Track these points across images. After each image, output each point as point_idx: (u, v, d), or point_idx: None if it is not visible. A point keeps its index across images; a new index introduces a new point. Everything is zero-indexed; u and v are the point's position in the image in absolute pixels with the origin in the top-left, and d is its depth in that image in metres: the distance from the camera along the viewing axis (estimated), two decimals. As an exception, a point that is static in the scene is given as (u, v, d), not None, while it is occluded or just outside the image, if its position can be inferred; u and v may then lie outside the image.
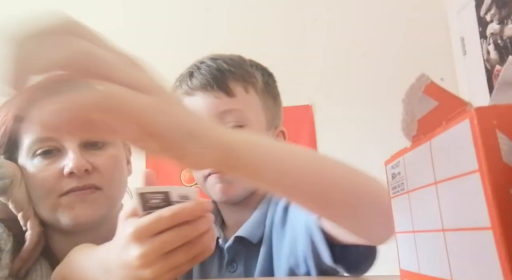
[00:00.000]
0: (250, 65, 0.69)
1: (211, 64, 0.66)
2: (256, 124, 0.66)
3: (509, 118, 0.20)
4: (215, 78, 0.64)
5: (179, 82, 0.68)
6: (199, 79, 0.65)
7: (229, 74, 0.65)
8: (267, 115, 0.69)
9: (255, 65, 0.71)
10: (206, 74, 0.64)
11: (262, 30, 2.46)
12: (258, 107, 0.67)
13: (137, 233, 0.40)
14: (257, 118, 0.67)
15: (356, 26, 2.51)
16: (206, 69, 0.65)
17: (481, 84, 2.16)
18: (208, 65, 0.66)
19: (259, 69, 0.71)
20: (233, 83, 0.65)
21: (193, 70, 0.67)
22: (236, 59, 0.69)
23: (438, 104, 0.26)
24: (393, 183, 0.32)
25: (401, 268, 0.31)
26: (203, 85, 0.64)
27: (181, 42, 2.45)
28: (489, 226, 0.19)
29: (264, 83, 0.70)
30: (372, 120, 2.35)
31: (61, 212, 0.60)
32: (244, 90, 0.66)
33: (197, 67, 0.67)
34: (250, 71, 0.68)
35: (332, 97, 2.37)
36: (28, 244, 0.59)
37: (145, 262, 0.40)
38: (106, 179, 0.63)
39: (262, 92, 0.69)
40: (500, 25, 2.02)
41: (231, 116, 0.63)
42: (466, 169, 0.21)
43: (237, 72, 0.66)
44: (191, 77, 0.66)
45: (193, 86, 0.65)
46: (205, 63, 0.66)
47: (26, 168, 0.61)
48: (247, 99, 0.66)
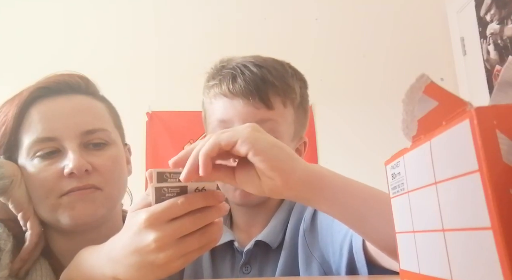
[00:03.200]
0: (291, 75, 0.69)
1: (256, 72, 0.65)
2: (286, 136, 0.67)
3: (509, 118, 0.20)
4: (257, 89, 0.64)
5: (219, 81, 0.67)
6: (242, 86, 0.64)
7: (272, 87, 0.65)
8: (296, 127, 0.70)
9: (295, 74, 0.71)
10: (250, 82, 0.64)
11: (262, 30, 2.46)
12: (291, 120, 0.68)
13: (152, 219, 0.41)
14: (288, 130, 0.68)
15: (356, 26, 2.51)
16: (250, 77, 0.65)
17: (481, 84, 2.16)
18: (252, 72, 0.65)
19: (298, 80, 0.71)
20: (273, 97, 0.65)
21: (237, 74, 0.66)
22: (280, 69, 0.68)
23: (438, 104, 0.26)
24: (393, 183, 0.32)
25: (401, 268, 0.31)
26: (245, 94, 0.64)
27: (184, 39, 2.46)
28: (489, 226, 0.19)
29: (301, 96, 0.71)
30: (372, 120, 2.35)
31: (61, 212, 0.60)
32: (283, 104, 0.66)
33: (241, 71, 0.66)
34: (291, 85, 0.68)
35: (332, 97, 2.37)
36: (28, 244, 0.59)
37: (160, 246, 0.40)
38: (106, 179, 0.63)
39: (298, 106, 0.70)
40: (500, 25, 2.02)
41: (266, 125, 0.63)
42: (466, 169, 0.21)
43: (279, 86, 0.66)
44: (234, 81, 0.65)
45: (234, 91, 0.65)
46: (249, 68, 0.66)
47: (26, 168, 0.61)
48: (283, 113, 0.66)
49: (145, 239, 0.41)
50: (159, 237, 0.40)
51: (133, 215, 0.43)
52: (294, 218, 0.68)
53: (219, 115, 0.66)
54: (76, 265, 0.52)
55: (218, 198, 0.43)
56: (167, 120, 2.37)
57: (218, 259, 0.69)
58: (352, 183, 0.45)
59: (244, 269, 0.66)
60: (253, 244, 0.66)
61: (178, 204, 0.41)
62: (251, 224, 0.70)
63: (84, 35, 2.44)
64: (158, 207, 0.41)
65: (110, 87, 0.76)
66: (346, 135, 2.34)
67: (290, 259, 0.64)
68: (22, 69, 1.95)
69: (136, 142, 2.13)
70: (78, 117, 0.63)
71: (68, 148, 0.60)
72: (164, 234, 0.40)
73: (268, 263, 0.66)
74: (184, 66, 2.34)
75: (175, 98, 2.34)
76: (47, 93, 0.64)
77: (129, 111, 1.14)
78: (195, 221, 0.42)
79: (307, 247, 0.64)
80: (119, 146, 0.68)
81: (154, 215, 0.41)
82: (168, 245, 0.41)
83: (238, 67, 0.67)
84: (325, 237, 0.62)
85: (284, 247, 0.65)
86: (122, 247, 0.44)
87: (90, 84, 0.70)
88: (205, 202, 0.42)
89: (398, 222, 0.31)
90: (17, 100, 0.63)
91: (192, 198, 0.41)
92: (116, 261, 0.45)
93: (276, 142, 0.42)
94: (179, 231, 0.41)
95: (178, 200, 0.41)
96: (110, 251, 0.46)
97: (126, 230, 0.44)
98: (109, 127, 0.67)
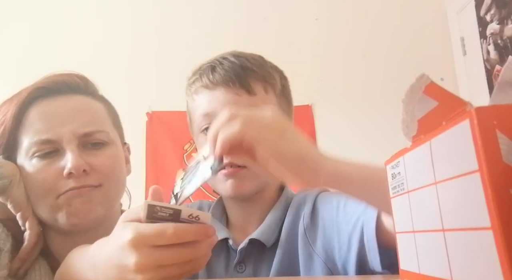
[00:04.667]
0: (270, 66, 0.70)
1: (234, 60, 0.67)
2: None
3: (509, 118, 0.20)
4: (237, 75, 0.65)
5: (199, 75, 0.69)
6: (221, 74, 0.65)
7: (251, 73, 0.66)
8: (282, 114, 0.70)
9: (273, 67, 0.72)
10: (229, 70, 0.65)
11: (262, 30, 2.46)
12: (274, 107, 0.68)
13: (137, 240, 0.40)
14: None
15: (356, 26, 2.51)
16: (229, 65, 0.66)
17: (481, 84, 2.16)
18: (231, 62, 0.67)
19: (277, 72, 0.72)
20: (254, 82, 0.66)
21: (215, 65, 0.67)
22: (258, 58, 0.70)
23: (438, 104, 0.26)
24: (393, 183, 0.31)
25: (401, 268, 0.31)
26: (225, 81, 0.65)
27: (184, 39, 2.46)
28: (489, 226, 0.19)
29: (282, 85, 0.71)
30: (372, 120, 2.35)
31: (59, 211, 0.60)
32: (264, 90, 0.67)
33: (220, 62, 0.67)
34: (271, 72, 0.69)
35: (332, 97, 2.37)
36: (26, 244, 0.59)
37: (140, 269, 0.40)
38: (104, 178, 0.63)
39: (279, 94, 0.70)
40: (500, 25, 2.02)
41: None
42: (466, 169, 0.21)
43: (259, 71, 0.67)
44: (213, 71, 0.67)
45: (214, 81, 0.66)
46: (227, 59, 0.67)
47: (25, 168, 0.61)
48: (265, 98, 0.67)
49: (126, 258, 0.41)
50: (140, 260, 0.40)
51: (122, 227, 0.43)
52: (291, 216, 0.67)
53: (202, 110, 0.66)
54: (66, 266, 0.52)
55: (208, 233, 0.42)
56: (167, 120, 2.37)
57: (212, 256, 0.68)
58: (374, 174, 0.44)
59: (238, 268, 0.65)
60: (247, 243, 0.65)
61: (166, 234, 0.40)
62: (246, 221, 0.69)
63: (84, 35, 2.45)
64: (146, 230, 0.41)
65: (110, 87, 0.76)
66: (346, 135, 2.34)
67: (286, 258, 0.64)
68: (21, 69, 1.95)
69: (136, 142, 2.13)
70: (77, 118, 0.63)
71: (67, 148, 0.60)
72: (146, 260, 0.40)
73: (263, 262, 0.65)
74: (184, 66, 2.31)
75: (175, 98, 2.32)
76: (46, 94, 0.64)
77: (129, 111, 1.14)
78: (180, 255, 0.41)
79: (309, 245, 0.63)
80: (118, 145, 0.68)
81: (140, 238, 0.40)
82: (148, 270, 0.40)
83: (216, 59, 0.69)
84: (329, 232, 0.61)
85: (280, 245, 0.64)
86: (105, 257, 0.44)
87: (89, 84, 0.70)
88: (195, 237, 0.42)
89: (398, 222, 0.31)
90: (16, 100, 0.63)
91: (182, 231, 0.41)
92: (98, 268, 0.45)
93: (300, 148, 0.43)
94: (161, 260, 0.41)
95: (167, 229, 0.40)
96: (94, 257, 0.46)
97: (112, 240, 0.44)
98: (108, 128, 0.67)
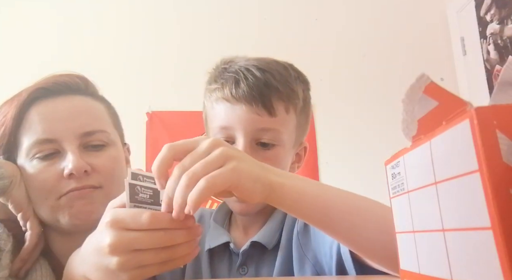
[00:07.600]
0: (294, 78, 0.68)
1: (260, 76, 0.64)
2: (287, 144, 0.67)
3: (509, 118, 0.20)
4: (261, 95, 0.63)
5: (221, 85, 0.66)
6: (245, 91, 0.63)
7: (275, 93, 0.64)
8: (298, 133, 0.69)
9: (298, 77, 0.69)
10: (253, 87, 0.63)
11: (262, 30, 2.46)
12: (293, 127, 0.67)
13: (112, 222, 0.41)
14: (289, 138, 0.67)
15: (356, 26, 2.51)
16: (253, 82, 0.63)
17: (481, 84, 2.16)
18: (256, 77, 0.64)
19: (301, 82, 0.70)
20: (277, 103, 0.64)
21: (240, 78, 0.64)
22: (283, 73, 0.67)
23: (438, 104, 0.26)
24: (393, 183, 0.32)
25: (401, 268, 0.31)
26: (248, 99, 0.63)
27: (184, 39, 2.46)
28: (489, 226, 0.19)
29: (303, 101, 0.69)
30: (372, 120, 2.35)
31: (60, 212, 0.60)
32: (285, 110, 0.65)
33: (244, 76, 0.64)
34: (295, 89, 0.67)
35: (332, 97, 2.37)
36: (27, 244, 0.59)
37: (112, 250, 0.40)
38: (105, 179, 0.63)
39: (300, 112, 0.69)
40: (500, 25, 2.02)
41: (268, 135, 0.63)
42: (466, 169, 0.21)
43: (283, 91, 0.64)
44: (237, 86, 0.64)
45: (237, 96, 0.63)
46: (252, 73, 0.64)
47: (26, 169, 0.61)
48: (286, 119, 0.65)
49: (102, 240, 0.41)
50: (112, 241, 0.40)
51: (105, 213, 0.43)
52: (290, 219, 0.68)
53: (220, 122, 0.65)
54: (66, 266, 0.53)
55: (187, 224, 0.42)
56: (167, 120, 2.37)
57: (215, 260, 0.69)
58: (311, 198, 0.46)
59: (240, 270, 0.66)
60: (249, 245, 0.65)
61: (141, 219, 0.40)
62: (250, 226, 0.70)
63: (84, 35, 2.44)
64: (123, 213, 0.41)
65: (110, 87, 0.76)
66: (346, 135, 2.34)
67: (286, 260, 0.64)
68: (21, 70, 1.95)
69: (136, 142, 2.13)
70: (77, 119, 0.63)
71: (67, 149, 0.60)
72: (118, 240, 0.40)
73: (264, 264, 0.66)
74: (184, 66, 2.34)
75: (175, 98, 2.34)
76: (46, 94, 0.64)
77: (129, 111, 1.13)
78: (153, 240, 0.41)
79: (301, 248, 0.64)
80: (119, 146, 0.68)
81: (115, 220, 0.41)
82: (121, 252, 0.40)
83: (241, 70, 0.65)
84: (317, 238, 0.62)
85: (281, 248, 0.65)
86: (89, 247, 0.44)
87: (89, 84, 0.70)
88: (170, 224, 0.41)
89: (398, 222, 0.31)
90: (16, 101, 0.63)
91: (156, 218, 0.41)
92: (83, 259, 0.45)
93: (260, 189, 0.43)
94: (134, 242, 0.40)
95: (143, 213, 0.40)
96: (83, 254, 0.47)
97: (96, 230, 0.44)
98: (108, 128, 0.67)
